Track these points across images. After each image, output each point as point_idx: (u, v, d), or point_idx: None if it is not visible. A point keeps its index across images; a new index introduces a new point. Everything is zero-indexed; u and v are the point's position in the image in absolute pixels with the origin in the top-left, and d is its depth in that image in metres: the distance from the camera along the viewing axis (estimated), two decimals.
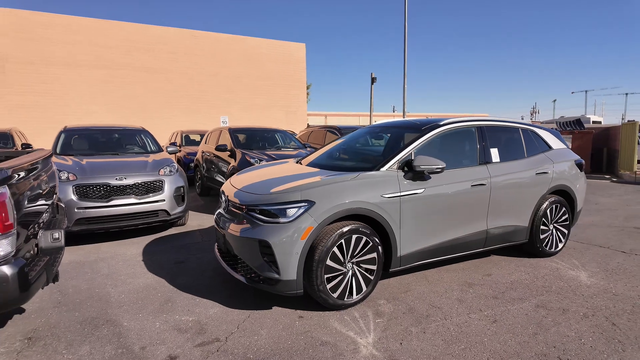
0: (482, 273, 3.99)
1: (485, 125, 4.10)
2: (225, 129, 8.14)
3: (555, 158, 4.46)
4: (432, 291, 3.56)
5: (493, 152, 4.03)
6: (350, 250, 3.13)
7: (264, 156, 6.66)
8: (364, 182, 3.24)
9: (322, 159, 4.27)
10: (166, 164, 5.55)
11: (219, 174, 7.89)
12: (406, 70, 18.35)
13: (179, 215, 5.47)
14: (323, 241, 2.99)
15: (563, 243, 4.54)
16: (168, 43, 17.65)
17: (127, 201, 4.95)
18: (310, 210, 2.97)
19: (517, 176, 4.08)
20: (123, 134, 6.69)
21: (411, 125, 3.99)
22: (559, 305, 3.28)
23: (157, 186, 5.23)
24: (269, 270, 2.99)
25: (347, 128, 9.33)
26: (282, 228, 2.94)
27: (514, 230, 4.12)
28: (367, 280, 3.25)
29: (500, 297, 3.44)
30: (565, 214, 4.49)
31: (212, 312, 3.16)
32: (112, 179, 4.91)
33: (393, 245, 3.33)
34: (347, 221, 3.14)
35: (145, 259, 4.44)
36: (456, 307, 3.24)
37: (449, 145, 3.87)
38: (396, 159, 3.46)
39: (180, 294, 3.49)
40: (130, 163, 5.40)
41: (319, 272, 2.98)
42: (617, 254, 4.60)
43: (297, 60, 20.82)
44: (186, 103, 18.25)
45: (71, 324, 2.98)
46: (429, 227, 3.52)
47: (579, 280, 3.82)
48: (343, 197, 3.08)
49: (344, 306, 3.16)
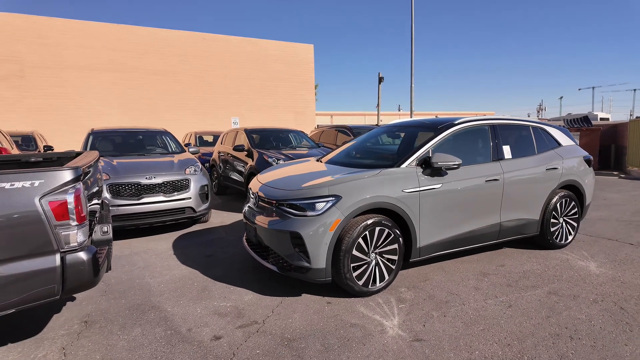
0: (496, 264, 4.22)
1: (497, 123, 4.32)
2: (242, 130, 8.41)
3: (565, 154, 4.67)
4: (450, 280, 3.79)
5: (505, 149, 4.25)
6: (374, 241, 3.37)
7: (281, 155, 6.93)
8: (386, 178, 3.49)
9: (342, 157, 4.53)
10: (191, 164, 5.84)
11: (235, 173, 8.17)
12: (413, 69, 18.53)
13: (203, 212, 5.75)
14: (349, 233, 3.24)
15: (573, 236, 4.75)
16: (178, 46, 18.02)
17: (156, 199, 5.24)
18: (338, 204, 3.22)
19: (529, 172, 4.30)
20: (146, 136, 6.99)
21: (427, 125, 4.23)
22: (570, 292, 3.50)
23: (184, 185, 5.51)
24: (300, 260, 3.24)
25: (359, 127, 9.57)
26: (312, 221, 3.20)
27: (526, 223, 4.34)
28: (389, 269, 3.50)
29: (514, 285, 3.67)
30: (574, 207, 4.70)
31: (247, 298, 3.42)
32: (142, 178, 5.20)
33: (413, 236, 3.57)
34: (371, 214, 3.39)
35: (177, 253, 4.72)
36: (473, 294, 3.47)
37: (464, 143, 4.10)
38: (415, 156, 3.70)
39: (215, 283, 3.76)
40: (158, 163, 5.69)
41: (346, 261, 3.24)
42: (624, 246, 4.80)
43: (305, 61, 21.11)
44: (195, 104, 18.61)
45: (120, 309, 3.26)
46: (446, 220, 3.75)
47: (588, 269, 4.03)
48: (367, 192, 3.33)
49: (369, 293, 3.40)
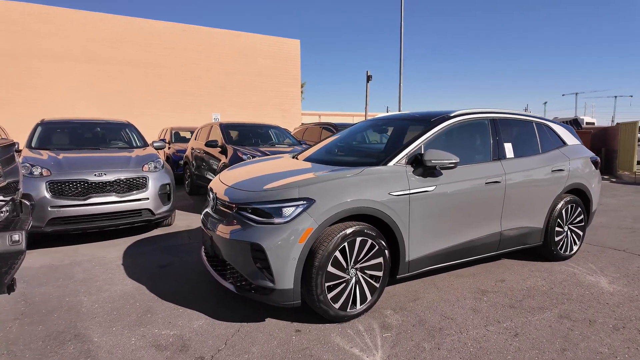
0: (495, 279, 3.67)
1: (498, 117, 3.77)
2: (216, 124, 7.75)
3: (571, 154, 4.16)
4: (443, 299, 3.22)
5: (507, 147, 3.71)
6: (354, 255, 2.77)
7: (257, 152, 6.29)
8: (370, 178, 2.89)
9: (321, 154, 3.91)
10: (151, 160, 5.15)
11: (209, 171, 7.49)
12: (402, 69, 18.06)
13: (164, 215, 5.07)
14: (324, 245, 2.63)
15: (578, 246, 4.24)
16: (158, 37, 17.12)
17: (107, 199, 4.54)
18: (310, 209, 2.61)
19: (533, 173, 3.76)
20: (106, 128, 6.26)
21: (419, 117, 3.65)
22: (584, 315, 2.96)
23: (141, 183, 4.83)
24: (262, 278, 2.62)
25: (344, 125, 8.97)
26: (278, 230, 2.58)
27: (529, 232, 3.80)
28: (372, 288, 2.90)
29: (517, 306, 3.12)
30: (580, 214, 4.19)
31: (196, 324, 2.78)
32: (90, 175, 4.50)
33: (401, 248, 2.98)
34: (351, 222, 2.79)
35: (126, 263, 4.04)
36: (471, 319, 2.90)
37: (461, 139, 3.54)
38: (404, 152, 3.11)
39: (162, 303, 3.11)
40: (111, 158, 4.99)
41: (319, 279, 2.62)
42: (634, 257, 4.31)
43: (292, 57, 20.40)
44: (177, 99, 17.75)
45: (33, 339, 2.58)
46: (439, 228, 3.18)
47: (600, 286, 3.51)
48: (346, 195, 2.73)
49: (347, 318, 2.80)
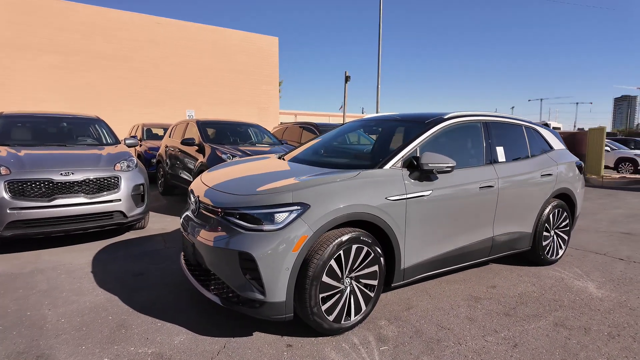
0: (486, 285, 3.60)
1: (490, 120, 3.71)
2: (193, 121, 7.41)
3: (558, 159, 4.16)
4: (437, 308, 3.11)
5: (499, 151, 3.65)
6: (349, 263, 2.61)
7: (237, 152, 6.03)
8: (366, 181, 2.73)
9: (310, 155, 3.73)
10: (123, 158, 4.81)
11: (184, 171, 7.16)
12: (380, 70, 18.11)
13: (137, 217, 4.74)
14: (319, 253, 2.45)
15: (563, 250, 4.25)
16: (129, 29, 16.38)
17: (74, 200, 4.18)
18: (305, 215, 2.42)
19: (524, 178, 3.72)
20: (73, 123, 5.82)
21: (412, 119, 3.53)
22: (579, 323, 2.92)
23: (112, 183, 4.48)
24: (251, 290, 2.41)
25: (326, 125, 8.82)
26: (269, 237, 2.38)
27: (519, 237, 3.76)
28: (367, 297, 2.75)
29: (512, 314, 3.05)
30: (566, 219, 4.20)
31: (177, 340, 2.54)
32: (55, 174, 4.12)
33: (397, 256, 2.84)
34: (346, 228, 2.62)
35: (96, 271, 3.72)
36: (468, 328, 2.80)
37: (455, 142, 3.44)
38: (400, 155, 2.98)
39: (138, 317, 2.84)
40: (79, 156, 4.61)
41: (313, 291, 2.44)
42: (616, 261, 4.36)
43: (270, 54, 20.05)
44: (149, 95, 17.06)
45: None
46: (435, 234, 3.06)
47: (588, 292, 3.50)
48: (343, 200, 2.56)
49: (341, 330, 2.63)
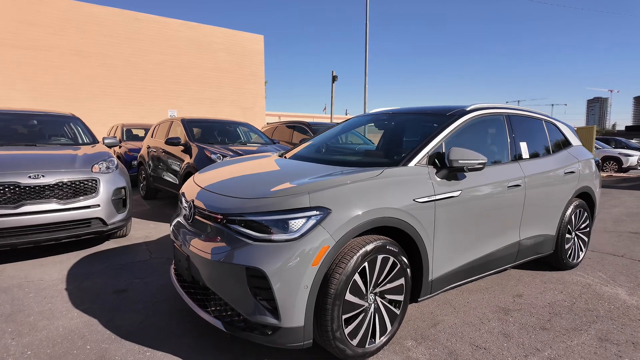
0: (511, 293, 3.28)
1: (512, 114, 3.40)
2: (178, 119, 6.91)
3: (578, 156, 3.90)
4: (466, 323, 2.76)
5: (523, 147, 3.34)
6: (374, 277, 2.23)
7: (228, 152, 5.58)
8: (391, 181, 2.36)
9: (316, 152, 3.34)
10: (102, 159, 4.30)
11: (169, 173, 6.65)
12: (367, 70, 17.86)
13: (119, 224, 4.24)
14: (341, 267, 2.07)
15: (584, 253, 3.99)
16: (106, 24, 15.57)
17: (45, 207, 3.66)
18: (325, 221, 2.03)
19: (550, 176, 3.43)
20: (45, 121, 5.25)
21: (432, 112, 3.18)
22: (624, 337, 2.62)
23: (90, 187, 3.98)
24: (262, 314, 2.00)
25: (319, 125, 8.43)
26: (284, 249, 1.97)
27: (543, 241, 3.46)
28: (393, 315, 2.38)
29: (549, 327, 2.73)
30: (586, 219, 3.94)
31: None
32: (23, 176, 3.60)
33: (425, 266, 2.48)
34: (370, 235, 2.24)
35: (70, 288, 3.22)
36: (506, 347, 2.46)
37: (479, 137, 3.12)
38: (425, 151, 2.62)
39: (122, 345, 2.38)
40: (51, 157, 4.08)
41: (336, 312, 2.05)
42: (636, 263, 4.13)
43: (254, 52, 19.49)
44: (127, 93, 16.27)
45: None
46: (463, 240, 2.72)
47: (621, 299, 3.23)
48: (367, 203, 2.18)
49: (366, 355, 2.25)
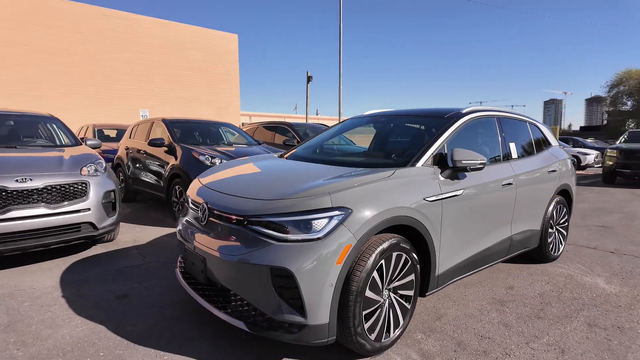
0: (503, 286, 3.48)
1: (502, 116, 3.61)
2: (159, 120, 6.75)
3: (558, 155, 4.17)
4: (467, 315, 2.91)
5: (512, 147, 3.55)
6: (389, 273, 2.33)
7: (216, 152, 5.52)
8: (404, 181, 2.46)
9: (318, 154, 3.41)
10: (90, 161, 4.16)
11: (151, 174, 6.50)
12: (341, 71, 18.06)
13: (109, 228, 4.13)
14: (361, 264, 2.14)
15: (563, 246, 4.27)
16: (72, 20, 14.88)
17: (33, 212, 3.51)
18: (347, 221, 2.10)
19: (535, 174, 3.65)
20: (23, 122, 5.00)
21: (429, 114, 3.32)
22: (609, 322, 2.86)
23: (79, 190, 3.85)
24: (289, 312, 2.04)
25: (301, 125, 8.46)
26: (309, 248, 2.03)
27: (531, 235, 3.69)
28: (405, 310, 2.48)
29: (543, 316, 2.92)
30: (565, 215, 4.23)
31: None
32: (10, 180, 3.44)
33: (432, 261, 2.60)
34: (385, 234, 2.33)
35: (68, 295, 3.12)
36: (508, 335, 2.62)
37: (475, 138, 3.28)
38: (430, 152, 2.74)
39: (136, 350, 2.35)
40: (38, 159, 3.91)
41: (357, 308, 2.13)
42: (608, 255, 4.46)
43: (229, 51, 19.21)
44: (95, 92, 15.63)
45: None
46: (465, 236, 2.87)
47: (601, 287, 3.49)
48: (385, 202, 2.27)
49: (383, 349, 2.34)
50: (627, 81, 41.51)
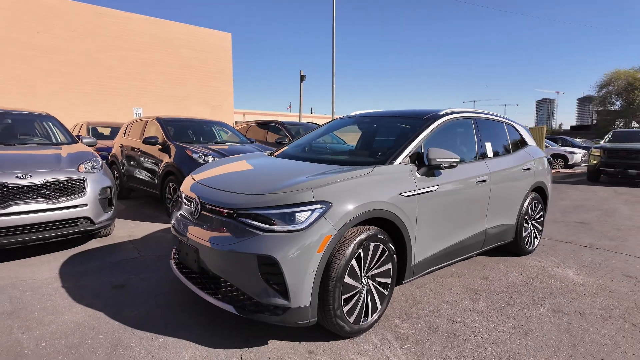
0: (479, 276, 3.71)
1: (479, 117, 3.83)
2: (153, 119, 6.91)
3: (534, 154, 4.41)
4: (442, 302, 3.14)
5: (487, 146, 3.77)
6: (367, 262, 2.54)
7: (208, 150, 5.70)
8: (381, 178, 2.67)
9: (306, 152, 3.61)
10: (87, 158, 4.33)
11: (146, 172, 6.65)
12: (334, 71, 18.25)
13: (105, 223, 4.30)
14: (341, 253, 2.35)
15: (539, 240, 4.52)
16: (66, 18, 14.92)
17: (33, 207, 3.68)
18: (327, 213, 2.31)
19: (510, 172, 3.89)
20: (20, 120, 5.14)
21: (409, 115, 3.53)
22: (573, 308, 3.10)
23: (77, 186, 4.01)
24: (274, 296, 2.25)
25: (292, 124, 8.65)
26: (293, 238, 2.23)
27: (506, 230, 3.92)
28: (382, 296, 2.69)
29: (512, 303, 3.16)
30: (540, 210, 4.47)
31: (188, 356, 2.31)
32: (10, 177, 3.60)
33: (408, 252, 2.82)
34: (364, 226, 2.54)
35: (67, 285, 3.29)
36: (478, 320, 2.85)
37: (452, 138, 3.50)
38: (407, 151, 2.96)
39: (134, 333, 2.54)
40: (37, 157, 4.07)
41: (337, 292, 2.34)
42: (582, 248, 4.72)
43: (222, 50, 19.32)
44: (88, 90, 15.69)
45: None
46: (440, 229, 3.09)
47: (569, 278, 3.74)
48: (362, 196, 2.48)
49: (361, 331, 2.56)
50: (615, 81, 42.20)
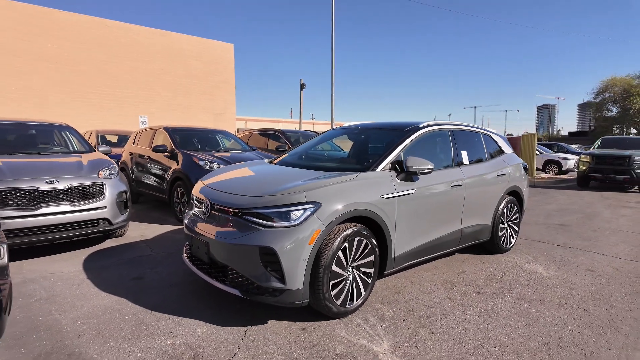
0: (457, 271, 4.15)
1: (455, 129, 4.29)
2: (161, 128, 7.39)
3: (509, 161, 4.86)
4: (420, 291, 3.57)
5: (464, 155, 4.23)
6: (352, 254, 2.99)
7: (213, 158, 6.17)
8: (364, 182, 3.13)
9: (301, 160, 4.07)
10: (105, 165, 4.80)
11: (153, 177, 7.12)
12: (334, 78, 18.76)
13: (121, 224, 4.76)
14: (329, 245, 2.80)
15: (515, 239, 4.95)
16: (75, 31, 15.53)
17: (60, 209, 4.14)
18: (317, 212, 2.76)
19: (484, 178, 4.33)
20: (42, 131, 5.63)
21: (392, 127, 4.00)
22: (535, 296, 3.53)
23: (97, 191, 4.48)
24: (272, 280, 2.70)
25: (292, 132, 9.13)
26: (288, 232, 2.68)
27: (481, 229, 4.36)
28: (366, 284, 3.14)
29: (482, 292, 3.59)
30: (516, 212, 4.90)
31: (200, 332, 2.75)
32: (40, 182, 4.07)
33: (389, 246, 3.27)
34: (350, 223, 3.00)
35: (92, 277, 3.75)
36: (450, 306, 3.28)
37: (429, 147, 3.96)
38: (388, 159, 3.42)
39: (154, 315, 2.99)
40: (61, 164, 4.54)
41: (325, 278, 2.79)
42: (555, 247, 5.15)
43: (225, 60, 19.93)
44: (97, 99, 16.25)
45: None
46: (418, 227, 3.53)
47: (538, 272, 4.17)
48: (347, 198, 2.94)
49: (347, 313, 3.00)
50: (612, 88, 42.76)
